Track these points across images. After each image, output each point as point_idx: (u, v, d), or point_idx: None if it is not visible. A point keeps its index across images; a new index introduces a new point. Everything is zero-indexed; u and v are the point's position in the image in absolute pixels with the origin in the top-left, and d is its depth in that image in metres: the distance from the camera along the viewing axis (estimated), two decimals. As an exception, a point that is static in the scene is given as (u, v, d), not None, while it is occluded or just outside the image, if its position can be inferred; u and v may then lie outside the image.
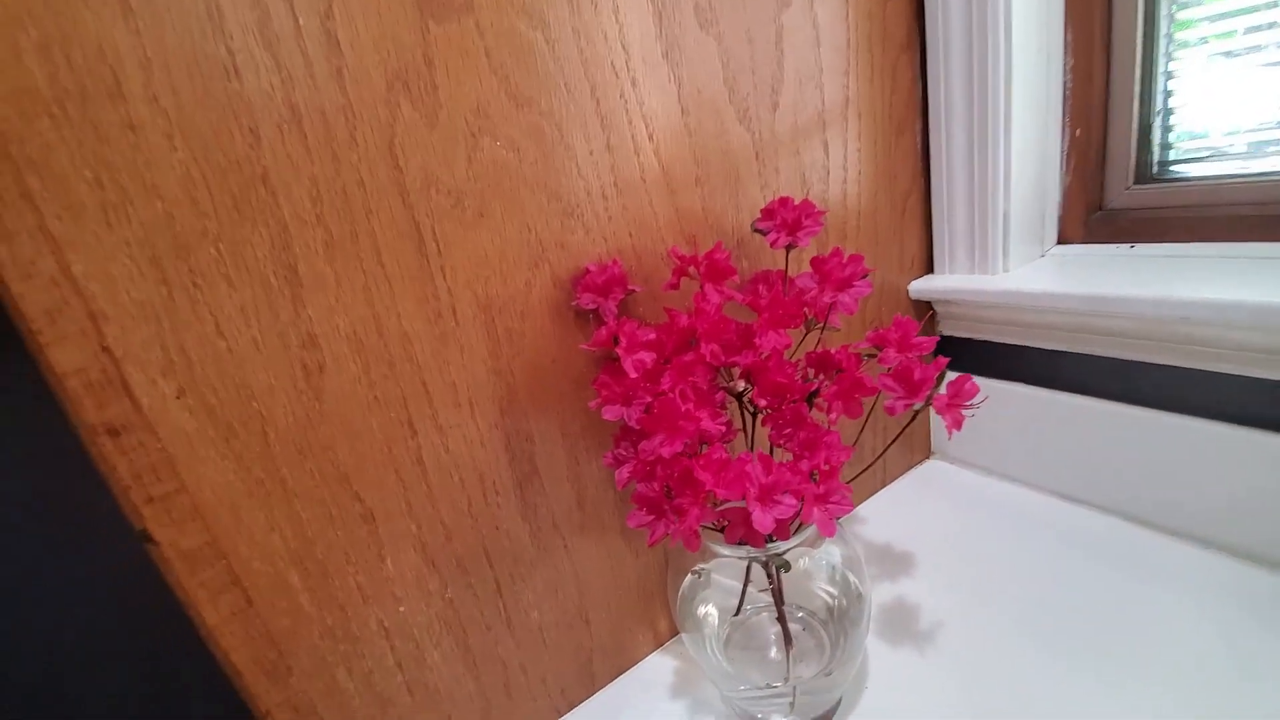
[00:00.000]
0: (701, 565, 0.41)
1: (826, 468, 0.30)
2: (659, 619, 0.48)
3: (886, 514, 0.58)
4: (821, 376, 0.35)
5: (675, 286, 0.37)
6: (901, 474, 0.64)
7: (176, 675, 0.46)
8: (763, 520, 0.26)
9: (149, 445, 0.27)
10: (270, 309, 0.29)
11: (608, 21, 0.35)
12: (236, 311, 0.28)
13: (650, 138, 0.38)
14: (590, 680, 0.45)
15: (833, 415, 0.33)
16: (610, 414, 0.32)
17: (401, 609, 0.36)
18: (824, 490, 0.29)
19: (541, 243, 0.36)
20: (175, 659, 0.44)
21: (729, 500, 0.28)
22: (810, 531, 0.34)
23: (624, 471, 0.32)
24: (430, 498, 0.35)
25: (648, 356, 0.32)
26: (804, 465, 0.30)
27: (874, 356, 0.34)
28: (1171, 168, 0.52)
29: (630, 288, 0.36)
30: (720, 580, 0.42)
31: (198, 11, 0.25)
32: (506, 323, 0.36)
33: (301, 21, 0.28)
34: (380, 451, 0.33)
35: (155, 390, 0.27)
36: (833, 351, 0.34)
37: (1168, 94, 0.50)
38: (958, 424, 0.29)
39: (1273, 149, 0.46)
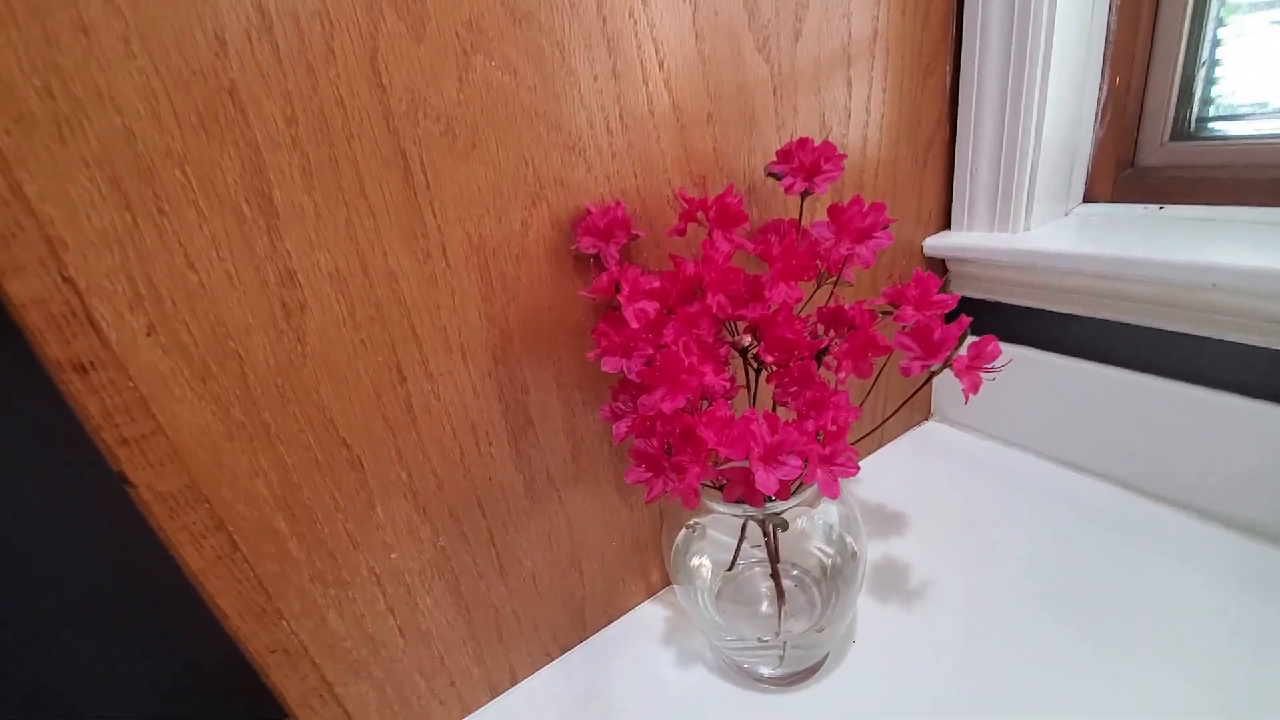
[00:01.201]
0: (696, 520, 0.41)
1: (833, 428, 0.28)
2: (651, 570, 0.48)
3: (882, 474, 0.58)
4: (832, 333, 0.33)
5: (682, 232, 0.34)
6: (900, 434, 0.63)
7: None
8: (766, 482, 0.25)
9: (120, 384, 0.25)
10: (244, 241, 0.27)
11: (614, -74, 0.32)
12: (208, 242, 0.26)
13: (660, 65, 0.35)
14: (582, 626, 0.46)
15: (841, 374, 0.31)
16: (609, 366, 0.30)
17: (393, 555, 0.35)
18: (829, 451, 0.28)
19: (539, 179, 0.33)
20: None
21: (731, 460, 0.27)
22: (810, 492, 0.33)
23: (622, 426, 0.31)
24: (420, 446, 0.34)
25: (650, 306, 0.30)
26: (809, 425, 0.29)
27: (889, 314, 0.32)
28: (1210, 125, 0.48)
29: (634, 232, 0.34)
30: (715, 535, 0.42)
31: (147, -111, 0.22)
32: (501, 266, 0.34)
33: (268, -92, 0.24)
34: (367, 397, 0.32)
35: (124, 325, 0.25)
36: (846, 307, 0.32)
37: (1216, 43, 0.46)
38: (975, 388, 0.28)
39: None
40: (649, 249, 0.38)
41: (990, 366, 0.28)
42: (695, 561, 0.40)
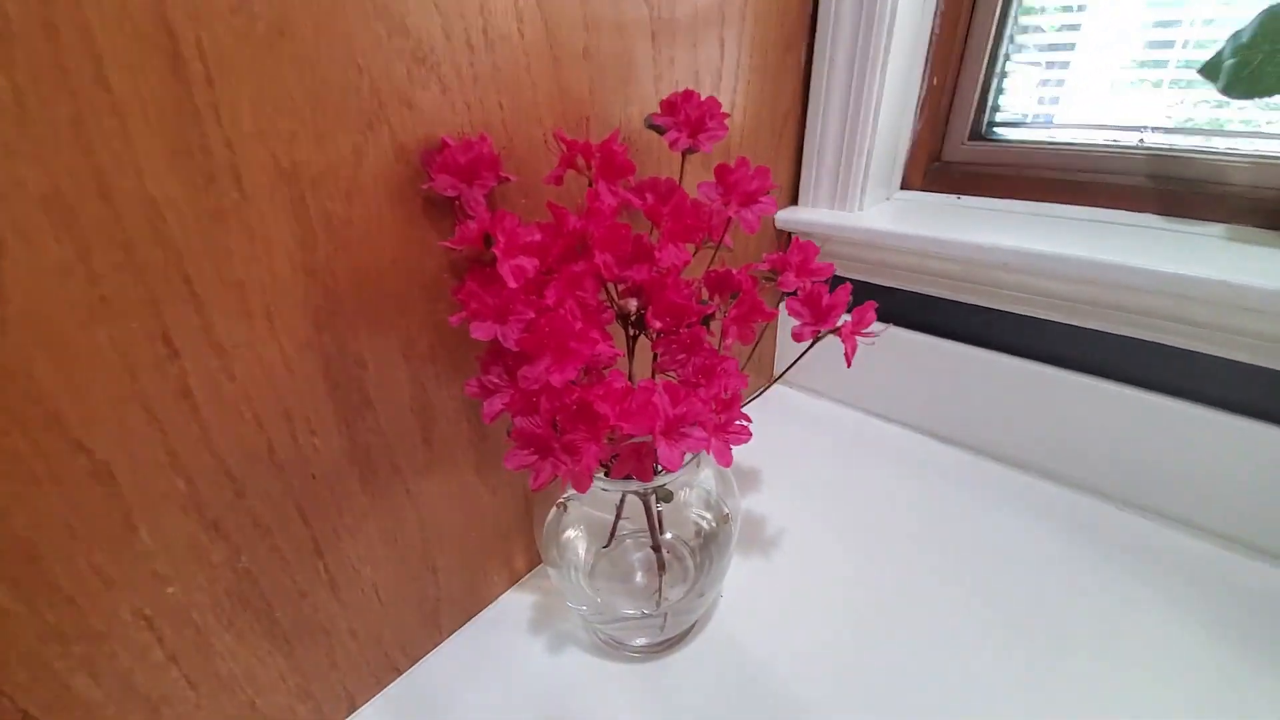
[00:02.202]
0: (566, 497, 0.38)
1: (726, 396, 0.27)
2: (515, 556, 0.44)
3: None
4: (717, 298, 0.32)
5: (559, 180, 0.30)
6: (748, 399, 0.67)
7: None
8: (670, 456, 0.23)
9: None
10: None
11: None
12: None
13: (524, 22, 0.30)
14: (436, 630, 0.40)
15: (728, 340, 0.30)
16: (480, 332, 0.25)
17: (170, 590, 0.26)
18: (724, 420, 0.27)
19: (379, 93, 0.26)
20: None
21: (632, 436, 0.24)
22: (695, 461, 0.32)
23: (496, 403, 0.26)
24: (206, 442, 0.26)
25: (529, 263, 0.25)
26: (703, 394, 0.27)
27: (772, 280, 0.32)
28: (996, 129, 0.57)
29: (503, 175, 0.29)
30: (586, 511, 0.39)
31: None
32: (324, 203, 0.26)
33: None
34: (117, 380, 0.22)
35: None
36: (734, 272, 0.31)
37: (1007, 56, 0.54)
38: (854, 351, 0.29)
39: (1069, 124, 0.53)
40: (516, 196, 0.33)
41: (869, 333, 0.30)
42: (567, 538, 0.37)
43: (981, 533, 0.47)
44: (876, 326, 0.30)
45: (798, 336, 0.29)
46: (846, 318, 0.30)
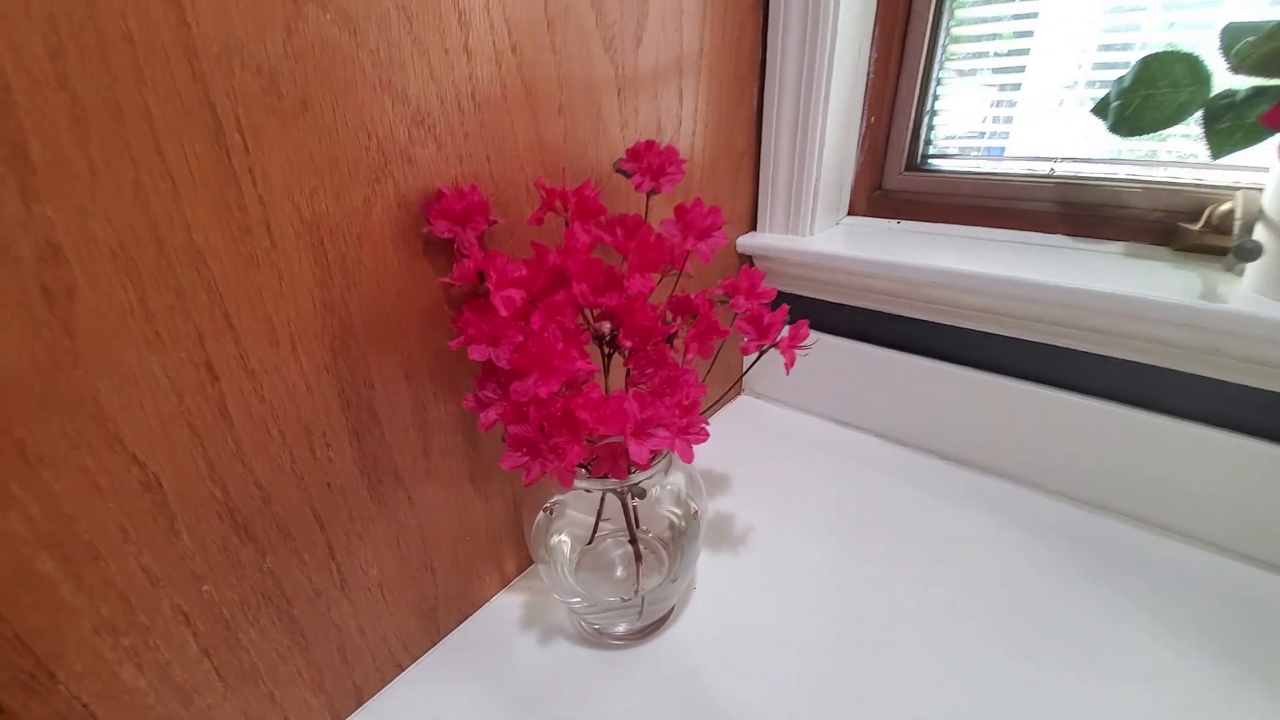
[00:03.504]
0: (552, 501, 0.42)
1: (687, 403, 0.32)
2: (506, 559, 0.48)
3: (707, 442, 0.65)
4: (679, 319, 0.37)
5: (540, 221, 0.35)
6: (717, 408, 0.72)
7: None
8: (639, 453, 0.28)
9: None
10: (-25, 203, 0.20)
11: (468, -101, 0.30)
12: (-89, 201, 0.19)
13: (514, 49, 0.35)
14: (435, 629, 0.44)
15: (689, 355, 0.35)
16: (476, 354, 0.29)
17: (205, 588, 0.30)
18: (686, 423, 0.31)
19: (384, 153, 0.31)
20: None
21: (607, 436, 0.29)
22: (664, 461, 0.37)
23: (490, 414, 0.30)
24: (239, 456, 0.29)
25: (517, 294, 0.30)
26: (668, 401, 0.32)
27: (725, 302, 0.37)
28: (930, 160, 0.64)
29: (491, 218, 0.33)
30: (571, 514, 0.43)
31: None
32: (339, 247, 0.30)
33: None
34: (167, 402, 0.26)
35: None
36: (692, 297, 0.36)
37: (935, 96, 0.61)
38: (792, 362, 0.34)
39: (993, 155, 0.60)
40: (504, 236, 0.38)
41: (803, 345, 0.35)
42: (555, 540, 0.42)
43: (927, 522, 0.52)
44: (815, 338, 0.35)
45: (744, 350, 0.34)
46: (784, 333, 0.35)
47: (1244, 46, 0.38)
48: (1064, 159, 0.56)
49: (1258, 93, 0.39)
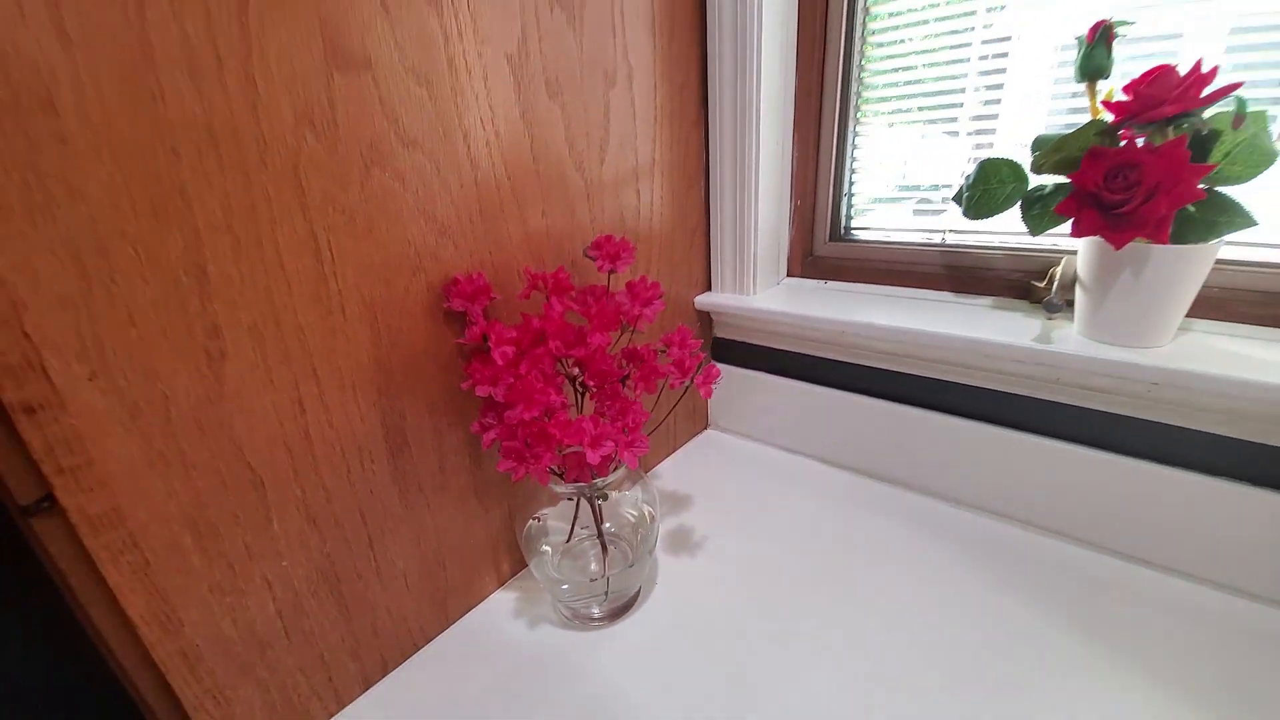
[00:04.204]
0: (539, 512, 0.54)
1: (632, 424, 0.44)
2: (502, 562, 0.59)
3: (675, 468, 0.77)
4: (630, 365, 0.49)
5: (526, 296, 0.48)
6: (687, 440, 0.84)
7: None
8: (593, 457, 0.40)
9: (61, 421, 0.30)
10: (180, 303, 0.34)
11: (479, 86, 0.45)
12: (149, 304, 0.32)
13: (508, 177, 0.49)
14: (445, 617, 0.54)
15: (638, 391, 0.48)
16: (482, 391, 0.42)
17: (284, 563, 0.41)
18: (630, 439, 0.44)
19: (419, 255, 0.45)
20: None
21: (571, 447, 0.41)
22: (621, 472, 0.49)
23: (490, 435, 0.43)
24: (314, 466, 0.42)
25: (509, 349, 0.43)
26: (618, 424, 0.44)
27: (665, 352, 0.50)
28: (851, 231, 0.78)
29: (492, 295, 0.47)
30: (553, 524, 0.55)
31: (131, 45, 0.30)
32: (387, 319, 0.44)
33: (224, 61, 0.33)
34: (272, 426, 0.39)
35: (70, 372, 0.30)
36: (639, 348, 0.48)
37: (851, 182, 0.76)
38: (709, 394, 0.47)
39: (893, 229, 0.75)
40: (500, 306, 0.51)
41: (713, 380, 0.48)
42: (541, 543, 0.53)
43: (856, 530, 0.63)
44: (719, 378, 0.47)
45: (673, 385, 0.47)
46: (700, 372, 0.48)
47: (1041, 154, 0.52)
48: (951, 231, 0.70)
49: (1057, 188, 0.53)
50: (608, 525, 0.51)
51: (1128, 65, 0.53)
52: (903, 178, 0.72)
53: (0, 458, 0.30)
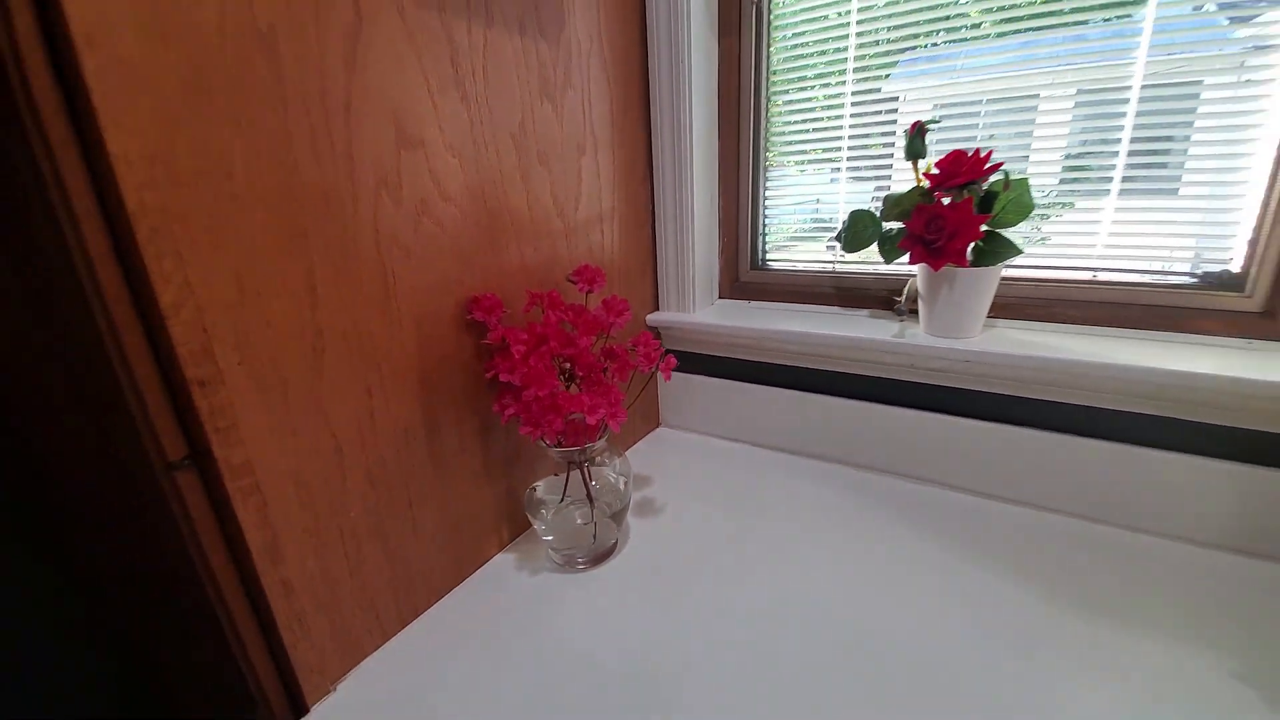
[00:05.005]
0: (536, 483, 0.68)
1: (614, 401, 0.60)
2: (503, 530, 0.72)
3: (636, 458, 0.92)
4: (608, 360, 0.66)
5: (529, 310, 0.64)
6: (643, 437, 1.00)
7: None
8: (592, 419, 0.55)
9: (220, 394, 0.43)
10: (298, 312, 0.47)
11: (493, 156, 0.61)
12: (279, 312, 0.46)
13: (512, 222, 0.65)
14: (460, 571, 0.67)
15: (615, 379, 0.64)
16: (505, 378, 0.57)
17: (352, 514, 0.54)
18: (614, 411, 0.59)
19: (450, 280, 0.59)
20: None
21: (573, 414, 0.56)
22: (604, 442, 0.64)
23: (509, 411, 0.57)
24: (375, 439, 0.55)
25: (521, 347, 0.58)
26: (602, 400, 0.60)
27: (634, 350, 0.66)
28: (767, 261, 0.99)
29: (503, 310, 0.62)
30: (547, 494, 0.69)
31: (277, 132, 0.44)
32: (429, 330, 0.58)
33: (335, 145, 0.47)
34: (350, 406, 0.52)
35: (228, 358, 0.43)
36: (615, 347, 0.65)
37: (765, 222, 0.97)
38: (669, 378, 0.64)
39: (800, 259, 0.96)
40: (508, 318, 0.66)
41: (671, 368, 0.65)
42: (539, 507, 0.67)
43: (786, 496, 0.81)
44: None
45: (643, 370, 0.64)
46: (662, 361, 0.65)
47: (886, 209, 0.74)
48: (838, 262, 0.92)
49: (899, 231, 0.76)
50: (594, 483, 0.66)
51: (943, 145, 0.77)
52: (815, 212, 0.94)
53: (163, 425, 0.42)
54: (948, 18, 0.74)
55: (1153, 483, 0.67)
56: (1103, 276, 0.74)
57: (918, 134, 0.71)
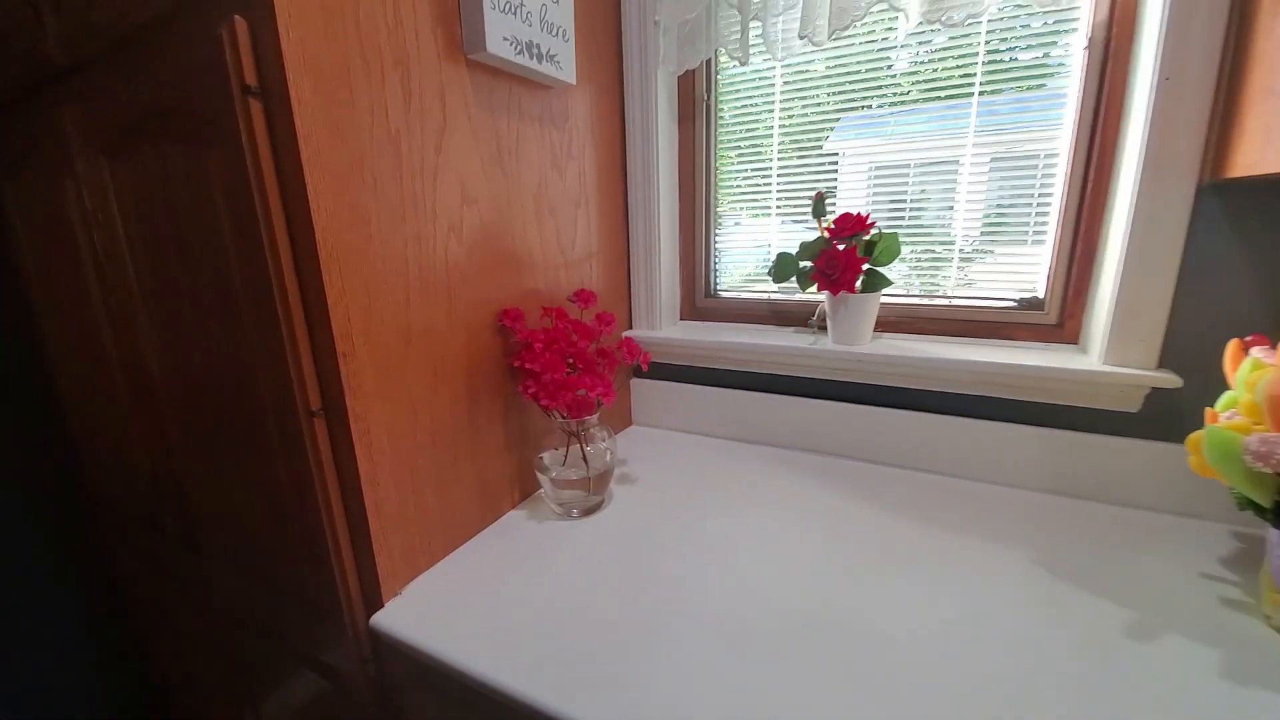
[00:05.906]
0: (544, 451, 0.90)
1: (605, 383, 0.84)
2: (515, 491, 0.93)
3: (620, 447, 1.15)
4: (601, 357, 0.89)
5: (542, 319, 0.87)
6: (620, 432, 1.22)
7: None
8: (592, 395, 0.78)
9: (353, 363, 0.64)
10: (398, 314, 0.69)
11: (519, 211, 0.86)
12: (389, 313, 0.68)
13: (529, 256, 0.89)
14: (482, 520, 0.87)
15: (605, 371, 0.88)
16: (530, 366, 0.80)
17: (419, 462, 0.74)
18: (606, 391, 0.83)
19: (490, 297, 0.82)
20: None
21: (579, 391, 0.79)
22: (597, 416, 0.87)
23: (530, 392, 0.80)
24: (437, 407, 0.76)
25: (540, 345, 0.81)
26: (598, 381, 0.83)
27: (619, 350, 0.90)
28: (718, 290, 1.26)
29: (524, 320, 0.85)
30: (550, 463, 0.90)
31: (396, 200, 0.67)
32: (473, 332, 0.80)
33: (422, 203, 0.71)
34: (423, 382, 0.73)
35: (359, 339, 0.64)
36: (605, 348, 0.89)
37: (717, 256, 1.24)
38: (647, 367, 0.87)
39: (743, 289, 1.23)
40: (529, 325, 0.89)
41: (646, 357, 0.89)
42: (549, 469, 0.88)
43: (740, 470, 1.05)
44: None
45: (627, 363, 0.87)
46: (641, 357, 0.89)
47: (800, 252, 1.02)
48: (774, 292, 1.19)
49: (811, 267, 1.03)
50: (589, 448, 0.88)
51: (847, 204, 1.06)
52: (767, 259, 1.21)
53: (311, 383, 0.63)
54: (880, 87, 1.03)
55: (984, 444, 0.94)
56: (954, 302, 1.03)
57: (820, 201, 1.00)
